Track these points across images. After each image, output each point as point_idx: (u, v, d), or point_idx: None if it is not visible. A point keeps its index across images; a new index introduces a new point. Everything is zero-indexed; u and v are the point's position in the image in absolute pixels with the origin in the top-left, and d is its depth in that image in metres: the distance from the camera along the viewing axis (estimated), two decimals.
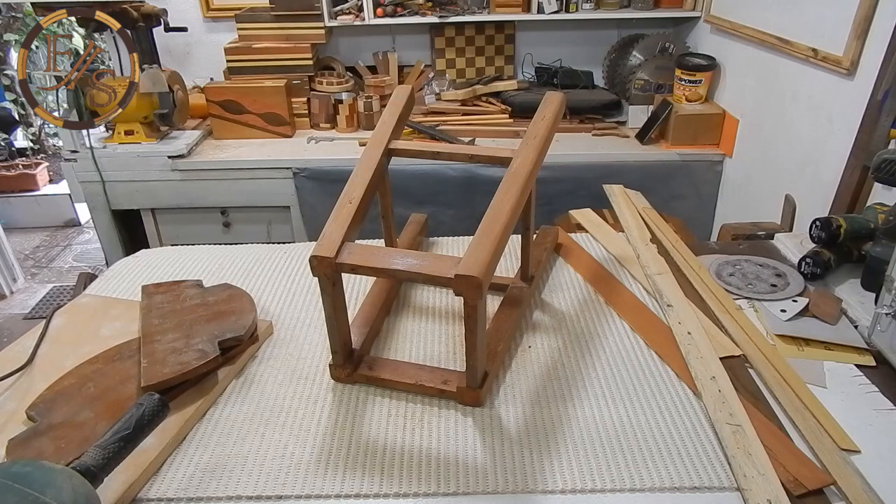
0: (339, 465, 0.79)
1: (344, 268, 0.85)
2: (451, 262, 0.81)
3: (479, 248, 0.80)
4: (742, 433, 0.80)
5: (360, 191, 0.94)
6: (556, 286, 1.17)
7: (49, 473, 0.61)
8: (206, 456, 0.81)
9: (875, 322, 0.97)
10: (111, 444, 0.66)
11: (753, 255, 1.23)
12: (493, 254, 0.81)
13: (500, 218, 0.85)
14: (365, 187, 0.95)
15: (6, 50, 3.82)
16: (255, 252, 1.31)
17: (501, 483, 0.76)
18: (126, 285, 1.20)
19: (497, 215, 0.85)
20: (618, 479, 0.76)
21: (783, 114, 1.85)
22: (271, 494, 0.76)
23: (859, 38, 1.47)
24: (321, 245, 0.85)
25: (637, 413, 0.87)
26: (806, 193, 1.66)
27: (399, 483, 0.77)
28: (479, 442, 0.82)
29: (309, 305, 1.13)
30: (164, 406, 0.72)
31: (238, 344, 0.96)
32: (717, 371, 0.92)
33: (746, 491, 0.73)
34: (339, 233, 0.87)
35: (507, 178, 0.91)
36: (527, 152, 0.94)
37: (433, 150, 1.05)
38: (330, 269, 0.84)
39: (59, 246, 3.55)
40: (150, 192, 2.29)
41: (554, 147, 2.31)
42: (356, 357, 0.95)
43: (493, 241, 0.81)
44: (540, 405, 0.88)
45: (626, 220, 1.34)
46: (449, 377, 0.91)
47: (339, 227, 0.88)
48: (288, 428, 0.85)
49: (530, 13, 2.52)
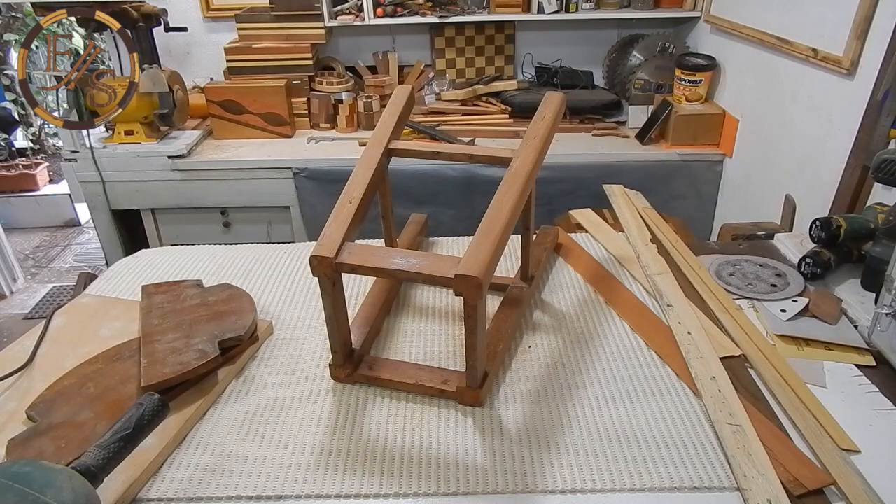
0: (339, 464, 0.79)
1: (344, 268, 0.84)
2: (451, 262, 0.81)
3: (479, 248, 0.80)
4: (742, 433, 0.80)
5: (361, 190, 0.94)
6: (556, 286, 1.17)
7: (49, 473, 0.61)
8: (206, 456, 0.81)
9: (875, 322, 0.97)
10: (111, 444, 0.66)
11: (753, 256, 1.23)
12: (494, 253, 0.80)
13: (500, 218, 0.85)
14: (365, 187, 0.95)
15: (6, 50, 3.82)
16: (255, 252, 1.31)
17: (501, 483, 0.76)
18: (126, 285, 1.20)
19: (497, 215, 0.85)
20: (618, 478, 0.76)
21: (783, 114, 1.85)
22: (271, 494, 0.76)
23: (859, 38, 1.47)
24: (321, 245, 0.85)
25: (637, 413, 0.87)
26: (806, 193, 1.66)
27: (399, 483, 0.77)
28: (478, 442, 0.82)
29: (309, 305, 1.13)
30: (164, 406, 0.72)
31: (238, 344, 0.96)
32: (717, 371, 0.92)
33: (746, 491, 0.73)
34: (339, 233, 0.87)
35: (507, 178, 0.91)
36: (527, 152, 0.94)
37: (433, 150, 1.05)
38: (330, 269, 0.84)
39: (59, 246, 3.55)
40: (150, 192, 2.29)
41: (554, 147, 2.31)
42: (356, 357, 0.95)
43: (493, 241, 0.81)
44: (540, 405, 0.88)
45: (626, 220, 1.34)
46: (449, 377, 0.91)
47: (339, 227, 0.88)
48: (288, 428, 0.85)
49: (530, 13, 2.52)
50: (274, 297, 1.16)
